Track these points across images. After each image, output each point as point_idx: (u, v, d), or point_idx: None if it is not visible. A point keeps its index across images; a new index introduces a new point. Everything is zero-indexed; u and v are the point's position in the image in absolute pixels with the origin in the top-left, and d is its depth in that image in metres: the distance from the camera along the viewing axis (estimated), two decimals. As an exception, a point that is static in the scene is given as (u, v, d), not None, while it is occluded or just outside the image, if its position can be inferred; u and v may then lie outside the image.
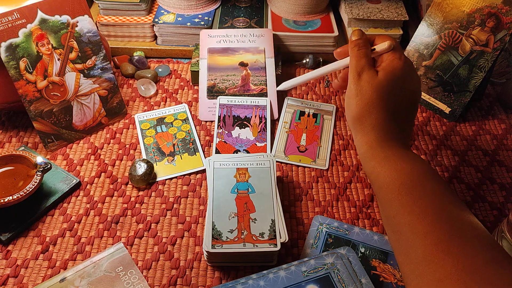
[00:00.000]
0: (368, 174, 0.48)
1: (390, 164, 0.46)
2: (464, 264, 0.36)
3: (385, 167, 0.46)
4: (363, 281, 0.48)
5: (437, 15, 0.73)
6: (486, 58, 0.69)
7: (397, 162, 0.46)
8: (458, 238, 0.38)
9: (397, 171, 0.45)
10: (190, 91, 0.77)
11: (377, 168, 0.47)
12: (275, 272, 0.48)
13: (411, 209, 0.42)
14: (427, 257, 0.38)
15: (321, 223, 0.57)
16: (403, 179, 0.44)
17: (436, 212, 0.41)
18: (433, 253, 0.38)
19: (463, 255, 0.37)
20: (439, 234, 0.39)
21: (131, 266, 0.52)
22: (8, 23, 0.59)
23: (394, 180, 0.44)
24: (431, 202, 0.42)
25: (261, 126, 0.69)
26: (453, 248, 0.37)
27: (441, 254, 0.37)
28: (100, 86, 0.68)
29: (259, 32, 0.78)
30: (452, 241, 0.38)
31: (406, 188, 0.43)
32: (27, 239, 0.55)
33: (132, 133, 0.69)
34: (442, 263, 0.37)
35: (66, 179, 0.61)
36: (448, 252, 0.37)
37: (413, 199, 0.42)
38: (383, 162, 0.46)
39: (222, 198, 0.55)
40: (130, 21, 0.83)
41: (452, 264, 0.37)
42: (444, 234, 0.39)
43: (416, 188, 0.43)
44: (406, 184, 0.44)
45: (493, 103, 0.78)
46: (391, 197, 0.44)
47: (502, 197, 0.62)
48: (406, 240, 0.41)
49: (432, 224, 0.40)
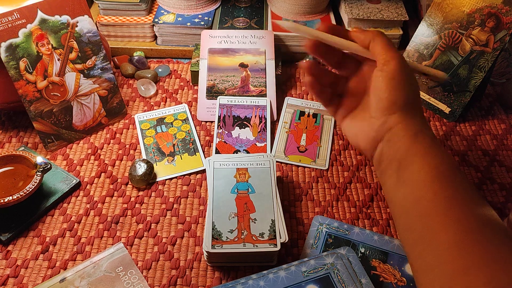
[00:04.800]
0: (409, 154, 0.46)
1: (432, 148, 0.45)
2: (492, 253, 0.37)
3: (432, 148, 0.45)
4: (363, 281, 0.48)
5: (437, 15, 0.73)
6: (486, 58, 0.69)
7: (439, 148, 0.46)
8: (487, 228, 0.39)
9: (438, 156, 0.45)
10: (190, 91, 0.77)
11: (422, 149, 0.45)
12: (275, 272, 0.48)
13: (447, 193, 0.42)
14: (458, 243, 0.38)
15: (321, 223, 0.57)
16: (445, 165, 0.44)
17: (471, 202, 0.41)
18: (464, 240, 0.38)
19: (492, 244, 0.37)
20: (471, 222, 0.39)
21: (131, 266, 0.52)
22: (8, 23, 0.59)
23: (440, 166, 0.44)
24: (465, 191, 0.42)
25: (261, 126, 0.69)
26: (483, 237, 0.38)
27: (472, 241, 0.38)
28: (100, 86, 0.68)
29: (260, 33, 0.78)
30: (482, 230, 0.39)
31: (446, 173, 0.43)
32: (27, 239, 0.55)
33: (132, 133, 0.69)
34: (471, 251, 0.37)
35: (66, 179, 0.61)
36: (478, 240, 0.38)
37: (450, 185, 0.42)
38: (429, 146, 0.46)
39: (222, 198, 0.55)
40: (130, 21, 0.83)
41: (481, 252, 0.37)
42: (476, 222, 0.39)
43: (453, 175, 0.43)
44: (445, 170, 0.44)
45: (493, 103, 0.78)
46: (432, 179, 0.43)
47: (502, 197, 0.62)
48: (434, 225, 0.40)
49: (466, 211, 0.40)
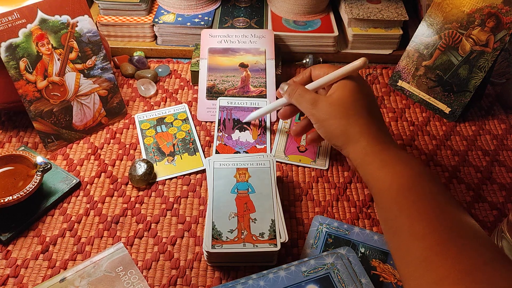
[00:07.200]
0: (366, 180, 0.49)
1: (388, 167, 0.46)
2: (463, 265, 0.36)
3: (383, 171, 0.46)
4: (363, 281, 0.48)
5: (437, 15, 0.73)
6: (486, 58, 0.69)
7: (395, 165, 0.46)
8: (456, 239, 0.38)
9: (395, 173, 0.45)
10: (190, 91, 0.77)
11: (376, 173, 0.47)
12: (275, 272, 0.48)
13: (409, 211, 0.42)
14: (426, 259, 0.38)
15: (321, 223, 0.57)
16: (402, 181, 0.44)
17: (434, 213, 0.41)
18: (432, 255, 0.38)
19: (462, 256, 0.37)
20: (437, 236, 0.39)
21: (131, 266, 0.52)
22: (8, 23, 0.59)
23: (392, 183, 0.44)
24: (429, 204, 0.42)
25: (261, 130, 0.69)
26: (452, 249, 0.38)
27: (439, 255, 0.38)
28: (100, 86, 0.68)
29: (260, 33, 0.78)
30: (450, 242, 0.38)
31: (405, 190, 0.43)
32: (27, 239, 0.55)
33: (132, 133, 0.69)
34: (440, 265, 0.37)
35: (66, 179, 0.61)
36: (446, 253, 0.37)
37: (412, 201, 0.42)
38: (381, 166, 0.47)
39: (222, 198, 0.55)
40: (130, 21, 0.83)
41: (451, 265, 0.37)
42: (442, 236, 0.39)
43: (415, 190, 0.43)
44: (404, 186, 0.44)
45: (493, 103, 0.78)
46: (389, 200, 0.44)
47: (502, 197, 0.62)
48: (405, 242, 0.41)
49: (430, 225, 0.40)
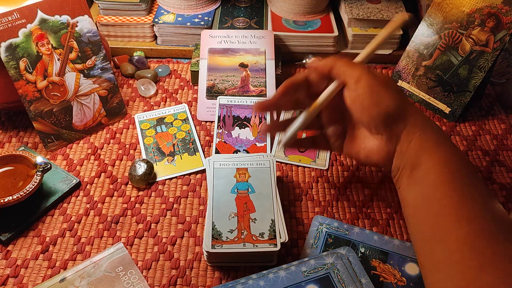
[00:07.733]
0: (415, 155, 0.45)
1: (439, 145, 0.45)
2: (505, 252, 0.37)
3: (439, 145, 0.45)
4: (363, 281, 0.48)
5: (437, 15, 0.73)
6: (486, 58, 0.69)
7: (446, 142, 0.45)
8: (498, 226, 0.39)
9: (447, 153, 0.44)
10: (190, 91, 0.77)
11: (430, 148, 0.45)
12: (275, 272, 0.48)
13: (458, 193, 0.41)
14: (469, 243, 0.38)
15: (321, 223, 0.57)
16: (454, 163, 0.44)
17: (482, 199, 0.41)
18: (477, 238, 0.38)
19: (504, 243, 0.37)
20: (484, 221, 0.39)
21: (131, 266, 0.52)
22: (8, 23, 0.59)
23: (450, 163, 0.44)
24: (475, 187, 0.42)
25: (261, 127, 0.69)
26: (495, 236, 0.38)
27: (483, 241, 0.38)
28: (100, 86, 0.68)
29: (261, 33, 0.78)
30: (493, 228, 0.38)
31: (455, 171, 0.43)
32: (27, 239, 0.55)
33: (132, 133, 0.69)
34: (485, 249, 0.37)
35: (66, 179, 0.61)
36: (490, 239, 0.38)
37: (460, 183, 0.42)
38: (435, 144, 0.45)
39: (222, 198, 0.55)
40: (130, 21, 0.83)
41: (495, 250, 0.37)
42: (487, 221, 0.39)
43: (463, 171, 0.43)
44: (455, 168, 0.43)
45: (493, 103, 0.78)
46: (442, 179, 0.43)
47: (502, 197, 0.62)
48: (447, 224, 0.40)
49: (479, 210, 0.40)
